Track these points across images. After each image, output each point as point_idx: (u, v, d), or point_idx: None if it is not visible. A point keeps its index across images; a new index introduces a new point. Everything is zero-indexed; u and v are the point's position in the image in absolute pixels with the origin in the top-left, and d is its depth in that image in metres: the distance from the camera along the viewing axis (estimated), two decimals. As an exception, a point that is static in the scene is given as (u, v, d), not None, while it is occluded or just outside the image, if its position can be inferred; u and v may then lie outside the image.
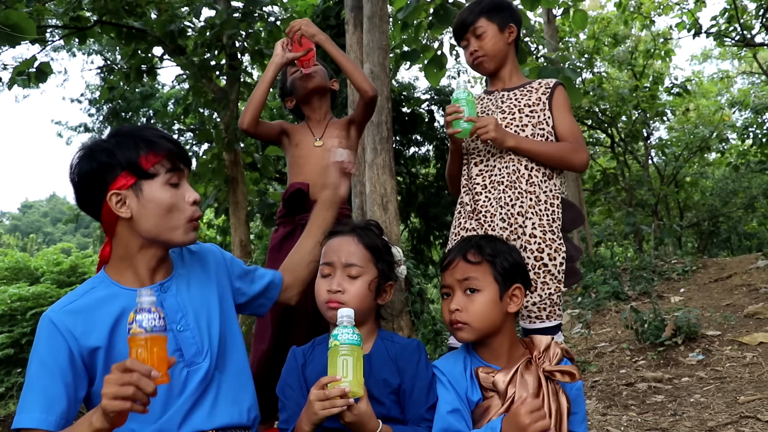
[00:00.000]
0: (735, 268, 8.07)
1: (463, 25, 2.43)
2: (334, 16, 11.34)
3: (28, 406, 1.58)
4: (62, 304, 1.70)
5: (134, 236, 1.71)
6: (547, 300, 2.23)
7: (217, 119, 11.26)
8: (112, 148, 1.68)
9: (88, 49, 15.43)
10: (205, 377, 1.73)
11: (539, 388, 1.73)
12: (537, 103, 2.39)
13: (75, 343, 1.63)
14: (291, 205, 2.62)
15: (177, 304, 1.76)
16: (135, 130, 1.73)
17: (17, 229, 45.56)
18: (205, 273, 1.88)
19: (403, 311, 5.59)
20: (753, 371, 4.25)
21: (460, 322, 1.78)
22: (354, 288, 1.82)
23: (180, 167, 1.72)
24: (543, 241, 2.24)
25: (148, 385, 1.36)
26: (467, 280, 1.80)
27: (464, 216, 2.39)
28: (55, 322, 1.64)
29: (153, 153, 1.68)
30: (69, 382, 1.61)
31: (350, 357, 1.59)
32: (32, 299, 10.59)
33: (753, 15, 12.87)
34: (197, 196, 1.74)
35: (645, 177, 16.29)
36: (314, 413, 1.59)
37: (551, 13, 12.20)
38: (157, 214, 1.68)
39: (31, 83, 7.98)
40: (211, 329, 1.79)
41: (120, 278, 1.74)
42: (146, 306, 1.43)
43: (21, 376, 8.88)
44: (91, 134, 16.34)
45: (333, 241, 1.90)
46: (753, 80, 20.34)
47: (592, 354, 5.45)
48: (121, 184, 1.66)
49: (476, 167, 2.38)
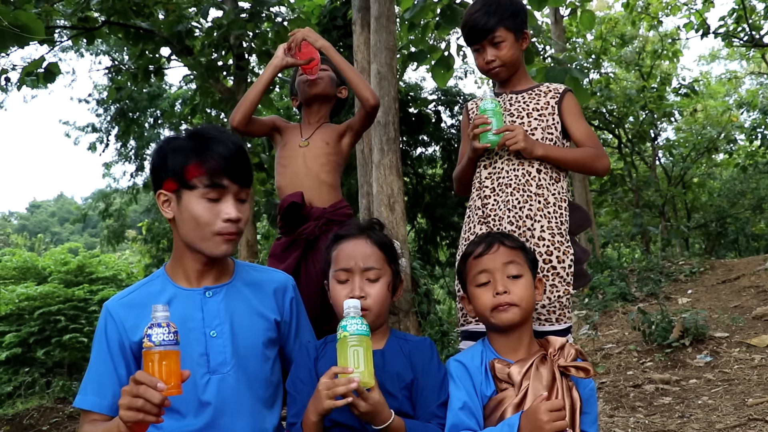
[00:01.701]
0: (743, 270, 8.04)
1: (481, 32, 2.36)
2: (341, 17, 11.34)
3: (84, 388, 1.75)
4: (121, 295, 1.84)
5: (179, 238, 1.80)
6: (557, 303, 2.22)
7: (224, 119, 11.29)
8: (169, 153, 1.76)
9: (95, 49, 15.48)
10: (226, 388, 1.75)
11: (553, 383, 1.74)
12: (545, 107, 2.38)
13: (125, 335, 1.75)
14: (288, 218, 2.62)
15: (217, 311, 1.80)
16: (204, 137, 1.76)
17: (25, 228, 45.73)
18: (264, 295, 1.91)
19: (409, 312, 5.58)
20: (761, 373, 4.23)
21: (507, 304, 1.79)
22: (375, 291, 1.82)
23: (222, 185, 1.74)
24: (552, 243, 2.24)
25: (154, 397, 1.42)
26: (512, 263, 1.82)
27: (474, 221, 2.38)
28: (111, 313, 1.78)
29: (198, 165, 1.72)
30: (122, 369, 1.75)
31: (360, 347, 1.59)
32: (40, 299, 10.59)
33: (762, 15, 12.83)
34: (236, 214, 1.75)
35: (652, 178, 16.24)
36: (321, 402, 1.58)
37: (558, 13, 12.18)
38: (189, 224, 1.75)
39: (39, 83, 8.00)
40: (247, 346, 1.81)
41: (173, 275, 1.85)
42: (159, 320, 1.49)
43: (28, 376, 8.91)
44: (98, 134, 16.38)
45: (345, 246, 1.87)
46: (761, 81, 20.25)
47: (599, 355, 5.44)
48: (167, 188, 1.77)
49: (485, 170, 2.38)
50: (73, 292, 10.98)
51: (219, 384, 1.75)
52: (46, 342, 10.19)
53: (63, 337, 10.04)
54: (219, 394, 1.74)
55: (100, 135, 16.43)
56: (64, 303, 10.65)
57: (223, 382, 1.75)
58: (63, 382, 6.55)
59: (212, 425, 1.73)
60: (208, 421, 1.73)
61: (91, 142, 16.38)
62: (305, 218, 2.59)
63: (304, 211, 2.60)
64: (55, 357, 10.12)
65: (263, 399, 1.84)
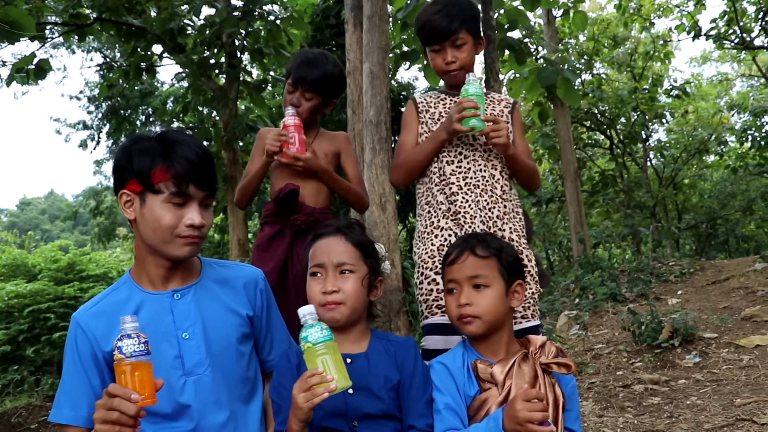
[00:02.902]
0: (732, 271, 8.08)
1: (444, 33, 2.38)
2: (334, 16, 11.34)
3: (59, 402, 1.74)
4: (88, 305, 1.81)
5: (140, 240, 1.78)
6: (531, 299, 2.32)
7: (216, 118, 11.27)
8: (134, 154, 1.72)
9: (87, 46, 15.43)
10: (203, 388, 1.75)
11: (535, 380, 1.76)
12: (501, 114, 2.48)
13: (97, 345, 1.74)
14: (283, 204, 2.62)
15: (188, 312, 1.79)
16: (172, 140, 1.74)
17: (15, 226, 45.50)
18: (234, 291, 1.90)
19: (400, 311, 5.58)
20: (749, 374, 4.25)
21: (470, 316, 1.80)
22: (348, 286, 1.82)
23: (187, 192, 1.72)
24: (519, 244, 2.34)
25: (129, 408, 1.43)
26: (477, 277, 1.83)
27: (437, 215, 2.39)
28: (81, 324, 1.76)
29: (164, 170, 1.70)
30: (95, 380, 1.74)
31: (327, 355, 1.60)
32: (29, 296, 10.56)
33: (752, 18, 12.91)
34: (200, 221, 1.74)
35: (643, 179, 16.30)
36: (299, 407, 1.59)
37: (551, 14, 12.20)
38: (151, 225, 1.72)
39: (30, 80, 7.98)
40: (221, 344, 1.81)
41: (139, 280, 1.82)
42: (128, 331, 1.49)
43: (17, 374, 8.86)
44: (89, 132, 16.32)
45: (320, 243, 1.90)
46: (752, 83, 20.37)
47: (589, 355, 5.46)
48: (130, 188, 1.73)
49: (449, 166, 2.40)
50: (63, 289, 10.95)
51: (196, 385, 1.74)
52: (36, 340, 10.15)
53: (53, 335, 9.99)
54: (197, 396, 1.74)
55: (91, 132, 16.39)
56: (54, 301, 10.62)
57: (200, 382, 1.75)
58: (52, 381, 6.53)
59: (194, 427, 1.73)
60: (189, 423, 1.73)
61: (83, 140, 16.36)
62: (297, 211, 2.61)
63: (297, 205, 2.61)
64: (45, 355, 10.07)
65: (242, 396, 1.84)
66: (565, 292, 9.30)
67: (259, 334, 1.96)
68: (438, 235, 2.35)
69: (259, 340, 1.97)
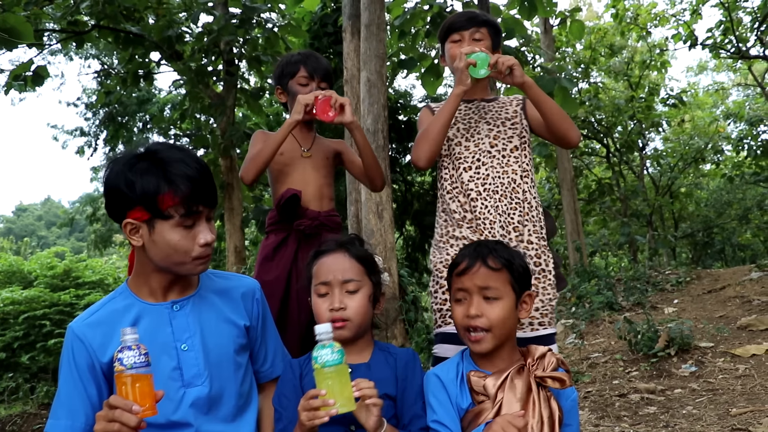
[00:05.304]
0: (728, 280, 8.09)
1: (467, 22, 2.43)
2: (332, 24, 11.37)
3: (56, 412, 1.71)
4: (85, 315, 1.79)
5: (147, 260, 1.75)
6: (549, 306, 2.27)
7: (213, 125, 11.26)
8: (135, 179, 1.64)
9: (85, 53, 15.43)
10: (202, 401, 1.75)
11: (528, 394, 1.72)
12: (515, 115, 2.48)
13: (95, 355, 1.72)
14: (285, 210, 2.61)
15: (186, 324, 1.79)
16: (168, 160, 1.67)
17: (11, 232, 45.40)
18: (232, 302, 1.90)
19: (397, 319, 5.58)
20: (745, 383, 4.25)
21: (480, 329, 1.77)
22: (355, 303, 1.83)
23: (198, 211, 1.70)
24: (538, 247, 2.31)
25: (130, 420, 1.43)
26: (488, 289, 1.79)
27: (452, 224, 2.39)
28: (78, 334, 1.74)
29: (172, 194, 1.64)
30: (92, 391, 1.71)
31: (334, 379, 1.59)
32: (25, 303, 10.53)
33: (748, 28, 12.97)
34: (210, 237, 1.73)
35: (640, 187, 16.33)
36: (302, 424, 1.60)
37: (548, 23, 12.26)
38: (164, 251, 1.70)
39: (27, 87, 7.97)
40: (220, 355, 1.81)
41: (138, 291, 1.81)
42: (128, 343, 1.49)
43: (12, 381, 8.84)
44: (86, 138, 16.31)
45: (324, 260, 1.89)
46: (748, 92, 20.46)
47: (585, 364, 5.46)
48: (136, 216, 1.67)
49: (466, 173, 2.39)
50: (59, 296, 10.92)
51: (195, 396, 1.74)
52: (31, 347, 10.12)
53: (48, 342, 9.96)
54: (196, 407, 1.74)
55: (88, 139, 16.37)
56: (49, 307, 10.59)
57: (199, 393, 1.75)
58: (47, 388, 6.50)
59: None
60: None
61: (80, 146, 16.32)
62: (300, 216, 2.60)
63: (300, 210, 2.60)
64: (40, 362, 10.04)
65: (238, 406, 1.84)
66: (562, 300, 9.31)
67: (254, 344, 1.96)
68: (453, 244, 2.34)
69: (253, 350, 1.97)
